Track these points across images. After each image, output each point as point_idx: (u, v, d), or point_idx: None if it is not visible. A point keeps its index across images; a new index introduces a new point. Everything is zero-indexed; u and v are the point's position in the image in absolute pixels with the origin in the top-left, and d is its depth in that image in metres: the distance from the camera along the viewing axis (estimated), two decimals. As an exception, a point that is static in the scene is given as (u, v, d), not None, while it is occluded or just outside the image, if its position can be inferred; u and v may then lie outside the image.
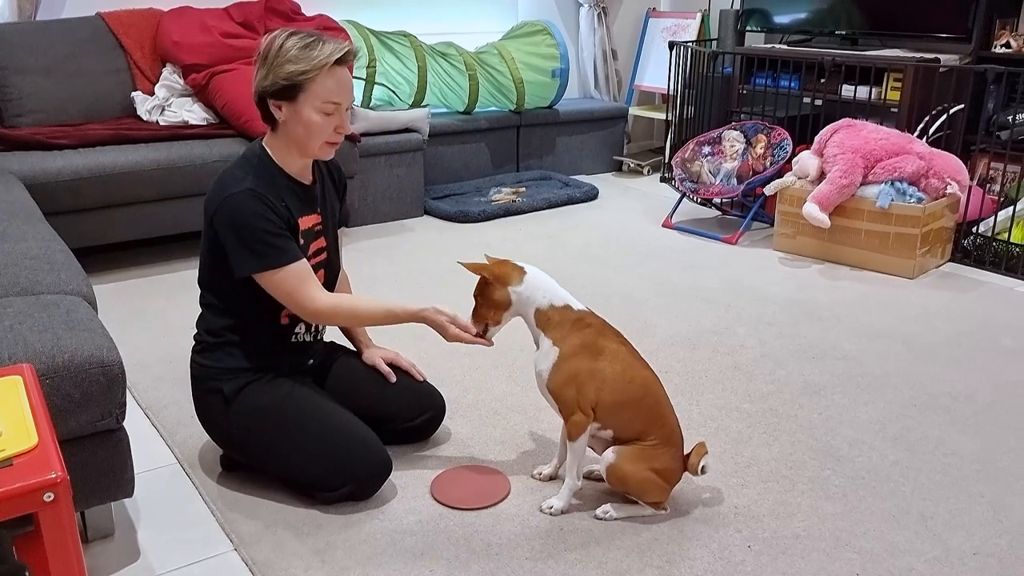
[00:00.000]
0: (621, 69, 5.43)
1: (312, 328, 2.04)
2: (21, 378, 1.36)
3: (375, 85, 4.18)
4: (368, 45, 4.13)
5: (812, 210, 3.46)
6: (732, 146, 4.04)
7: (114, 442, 1.69)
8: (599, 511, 1.89)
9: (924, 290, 3.29)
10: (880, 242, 3.44)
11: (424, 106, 4.31)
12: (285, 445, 1.89)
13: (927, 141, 3.65)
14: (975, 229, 3.64)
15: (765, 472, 2.07)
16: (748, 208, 4.01)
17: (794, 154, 3.80)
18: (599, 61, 5.27)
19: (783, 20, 4.64)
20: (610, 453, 1.85)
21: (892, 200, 3.38)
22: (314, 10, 4.01)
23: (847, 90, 3.98)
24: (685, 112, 4.77)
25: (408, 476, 2.03)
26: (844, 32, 4.38)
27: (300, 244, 1.90)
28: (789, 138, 3.88)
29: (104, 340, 1.66)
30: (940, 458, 2.14)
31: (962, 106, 3.69)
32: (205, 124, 3.61)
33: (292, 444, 1.88)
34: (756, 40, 4.95)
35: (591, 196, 4.55)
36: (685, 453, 1.90)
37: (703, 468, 1.87)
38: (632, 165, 5.20)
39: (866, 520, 1.89)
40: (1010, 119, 3.71)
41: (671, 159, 4.39)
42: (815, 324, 2.96)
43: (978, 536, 1.84)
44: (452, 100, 4.52)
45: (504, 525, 1.86)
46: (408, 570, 1.72)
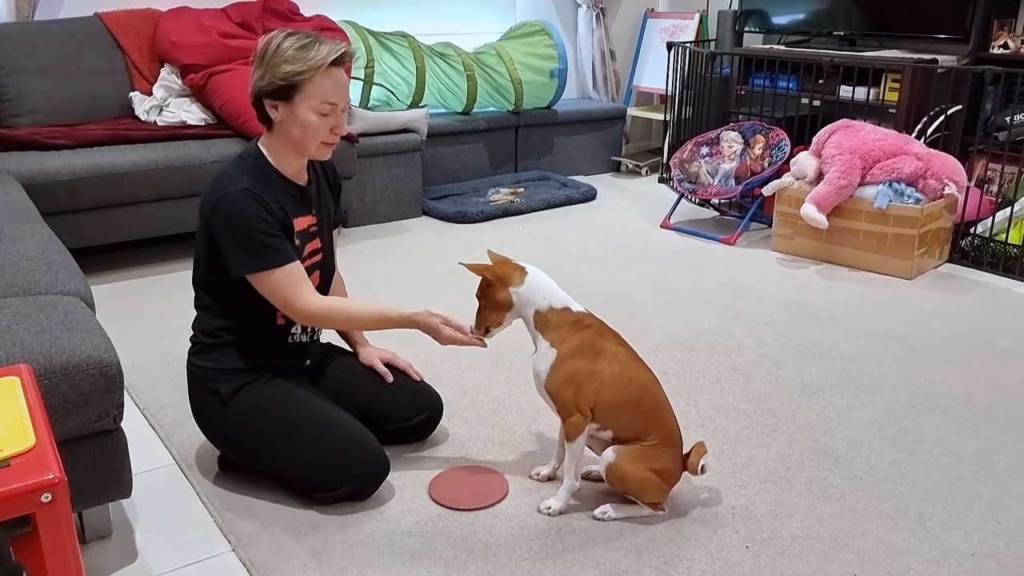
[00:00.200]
0: (619, 70, 5.43)
1: (308, 329, 2.04)
2: (19, 379, 1.36)
3: (373, 85, 4.18)
4: (366, 45, 4.12)
5: (810, 211, 3.47)
6: (730, 147, 4.04)
7: (112, 443, 1.69)
8: (597, 511, 1.89)
9: (922, 291, 3.30)
10: (878, 243, 3.44)
11: (422, 106, 4.31)
12: (283, 446, 1.88)
13: (925, 142, 3.65)
14: (973, 230, 3.64)
15: (763, 473, 2.07)
16: (746, 209, 4.01)
17: (792, 155, 3.80)
18: (597, 62, 5.28)
19: (781, 21, 4.65)
20: (610, 452, 1.85)
21: (890, 201, 3.38)
22: (312, 10, 4.01)
23: (845, 91, 3.99)
24: (683, 113, 4.78)
25: (406, 477, 2.03)
26: (842, 33, 4.38)
27: (295, 245, 1.89)
28: (787, 139, 3.88)
29: (102, 341, 1.66)
30: (938, 459, 2.14)
31: (960, 107, 3.70)
32: (203, 124, 3.60)
33: (290, 445, 1.88)
34: (754, 41, 4.95)
35: (589, 197, 4.55)
36: (684, 453, 1.90)
37: (702, 468, 1.87)
38: (630, 166, 5.20)
39: (864, 521, 1.89)
40: (1008, 120, 3.72)
41: (669, 160, 4.39)
42: (813, 325, 2.96)
43: (976, 537, 1.84)
44: (450, 100, 4.52)
45: (502, 526, 1.86)
46: (406, 571, 1.72)
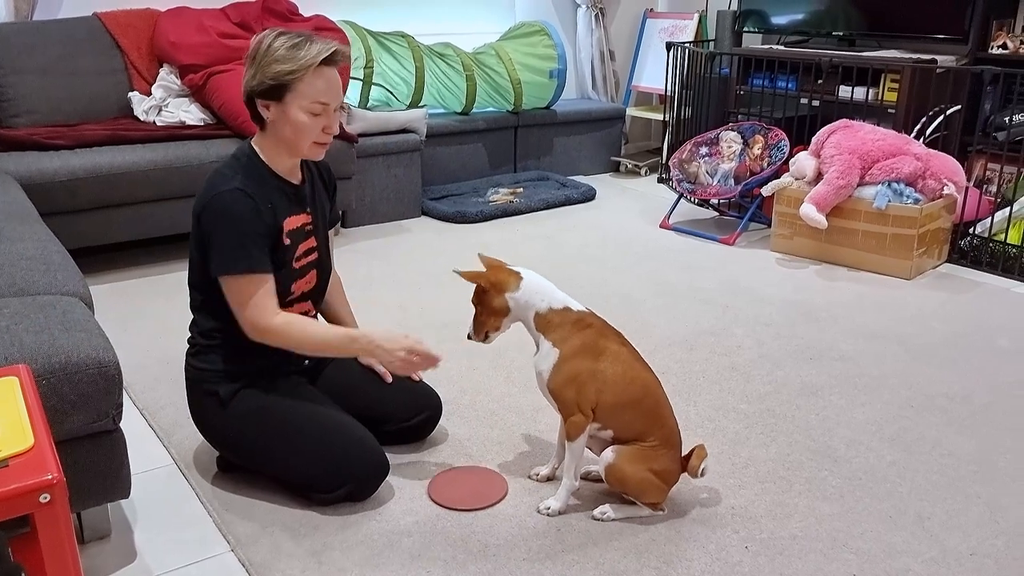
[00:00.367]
0: (619, 70, 5.43)
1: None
2: (17, 379, 1.36)
3: (372, 85, 4.18)
4: (365, 45, 4.12)
5: (809, 211, 3.47)
6: (729, 147, 4.04)
7: (110, 443, 1.69)
8: (597, 512, 1.89)
9: (921, 291, 3.30)
10: (877, 243, 3.44)
11: (422, 107, 4.30)
12: (282, 446, 1.88)
13: (924, 142, 3.65)
14: (972, 230, 3.64)
15: (762, 473, 2.07)
16: (745, 209, 4.01)
17: (791, 155, 3.80)
18: (596, 62, 5.28)
19: (780, 21, 4.65)
20: (609, 452, 1.85)
21: (889, 201, 3.38)
22: (311, 10, 4.00)
23: (844, 91, 3.99)
24: (682, 113, 4.77)
25: (405, 477, 2.03)
26: (841, 33, 4.39)
27: (287, 244, 1.89)
28: (786, 139, 3.88)
29: (101, 341, 1.66)
30: (937, 459, 2.14)
31: (959, 107, 3.70)
32: (202, 124, 3.60)
33: (289, 445, 1.87)
34: (753, 41, 4.95)
35: (588, 197, 4.55)
36: (684, 454, 1.90)
37: (703, 471, 1.87)
38: (629, 166, 5.20)
39: (863, 521, 1.89)
40: (1007, 120, 3.72)
41: (668, 160, 4.39)
42: (812, 325, 2.96)
43: (975, 537, 1.84)
44: (450, 101, 4.52)
45: (501, 526, 1.86)
46: (405, 571, 1.72)
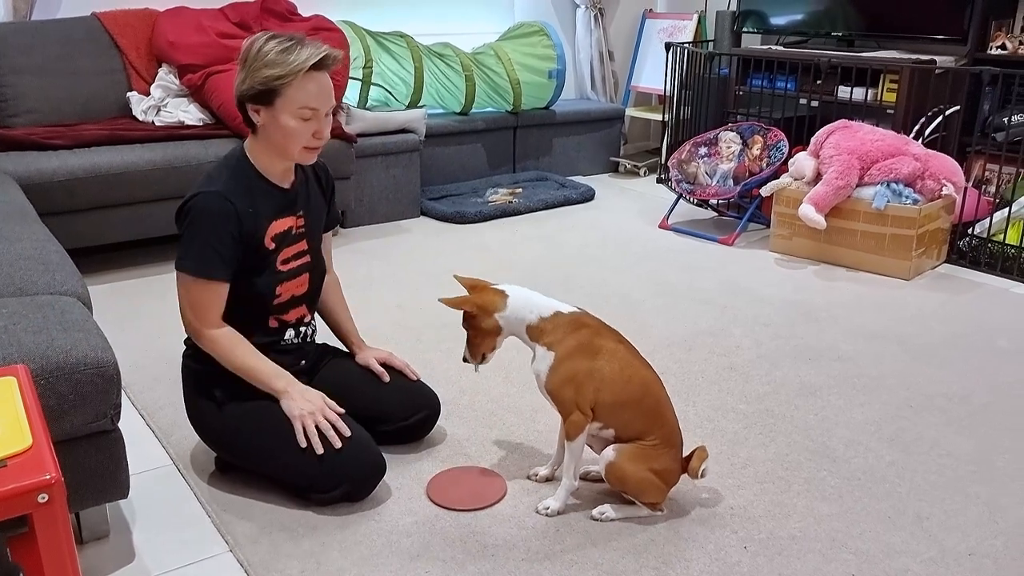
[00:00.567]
0: (618, 70, 5.43)
1: (302, 331, 2.04)
2: (15, 379, 1.36)
3: (371, 86, 4.18)
4: (365, 45, 4.12)
5: (808, 211, 3.47)
6: (728, 147, 4.04)
7: (109, 443, 1.68)
8: (595, 512, 1.89)
9: (920, 291, 3.30)
10: (876, 243, 3.45)
11: (421, 107, 4.30)
12: (279, 447, 1.88)
13: (923, 143, 3.65)
14: (971, 230, 3.64)
15: (761, 473, 2.07)
16: (744, 209, 4.01)
17: (790, 155, 3.80)
18: (596, 62, 5.28)
19: (779, 21, 4.65)
20: (610, 451, 1.85)
21: (888, 201, 3.38)
22: (310, 10, 4.00)
23: (843, 91, 3.99)
24: (681, 113, 4.78)
25: (404, 477, 2.03)
26: (840, 33, 4.39)
27: (270, 249, 1.89)
28: (785, 139, 3.88)
29: (99, 341, 1.65)
30: (936, 459, 2.14)
31: (958, 108, 3.70)
32: (201, 124, 3.60)
33: (286, 445, 1.87)
34: (752, 41, 4.95)
35: (588, 197, 4.55)
36: (685, 455, 1.90)
37: (703, 472, 1.86)
38: (628, 166, 5.20)
39: (862, 521, 1.89)
40: (1005, 121, 3.72)
41: (667, 160, 4.39)
42: (811, 325, 2.96)
43: (973, 537, 1.84)
44: (449, 101, 4.52)
45: (500, 526, 1.86)
46: (404, 571, 1.71)
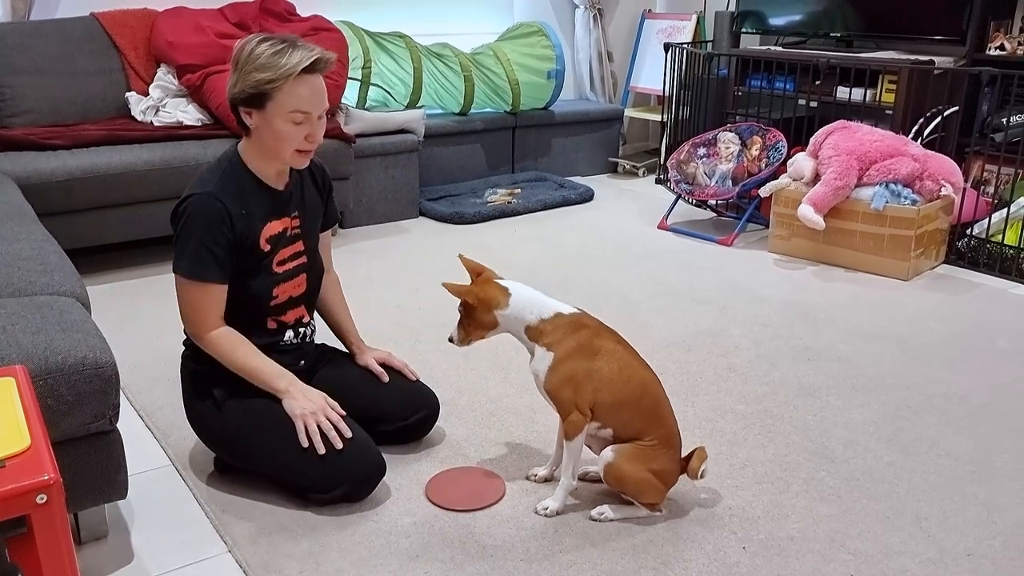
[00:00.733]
0: (617, 71, 5.43)
1: (301, 332, 2.04)
2: (14, 379, 1.36)
3: (370, 86, 4.18)
4: (363, 46, 4.12)
5: (807, 212, 3.47)
6: (727, 148, 4.04)
7: (107, 444, 1.68)
8: (594, 512, 1.89)
9: (918, 292, 3.30)
10: (875, 244, 3.45)
11: (419, 107, 4.30)
12: (280, 447, 1.88)
13: (921, 143, 3.66)
14: (969, 231, 3.65)
15: (760, 473, 2.07)
16: (743, 210, 4.02)
17: (789, 156, 3.80)
18: (595, 62, 5.28)
19: (778, 22, 4.65)
20: (609, 451, 1.84)
21: (887, 202, 3.38)
22: (309, 11, 4.00)
23: (842, 92, 3.99)
24: (680, 114, 4.78)
25: (403, 477, 2.03)
26: (839, 34, 4.39)
27: (265, 250, 1.89)
28: (784, 140, 3.88)
29: (98, 341, 1.65)
30: (934, 459, 2.14)
31: (956, 108, 3.70)
32: (199, 124, 3.60)
33: (287, 445, 1.87)
34: (751, 42, 4.95)
35: (586, 198, 4.55)
36: (684, 456, 1.90)
37: (703, 473, 1.86)
38: (627, 167, 5.20)
39: (860, 521, 1.89)
40: (1004, 121, 3.72)
41: (666, 161, 4.39)
42: (810, 326, 2.96)
43: (972, 537, 1.84)
44: (448, 101, 4.52)
45: (499, 527, 1.86)
46: (403, 572, 1.71)
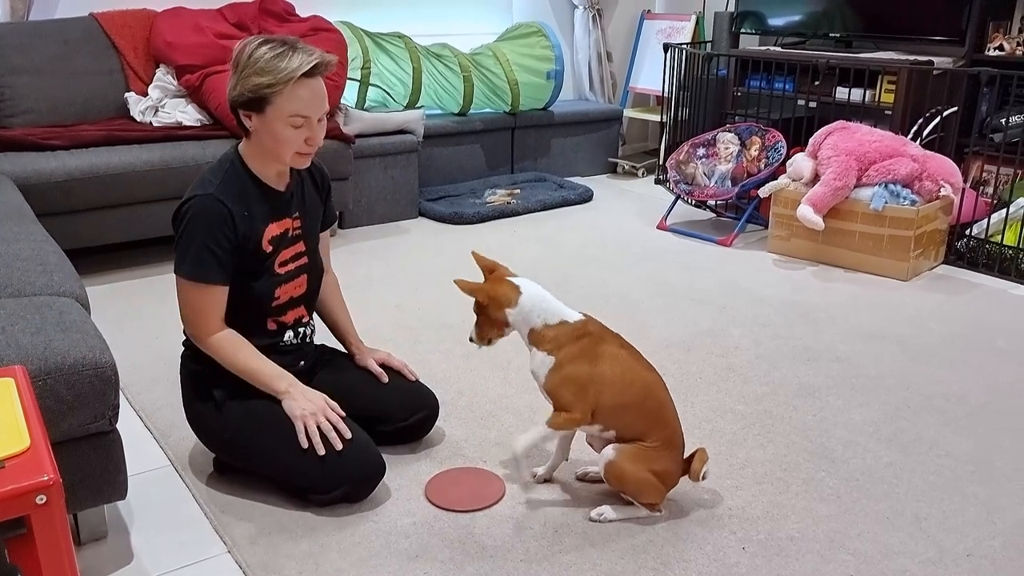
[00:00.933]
0: (616, 71, 5.43)
1: (300, 332, 2.04)
2: (13, 380, 1.36)
3: (369, 86, 4.18)
4: (363, 46, 4.12)
5: (806, 212, 3.47)
6: (727, 148, 4.04)
7: (107, 444, 1.68)
8: (594, 513, 1.89)
9: (918, 292, 3.30)
10: (874, 244, 3.45)
11: (419, 107, 4.30)
12: (280, 447, 1.88)
13: (921, 144, 3.66)
14: (968, 231, 3.65)
15: (759, 474, 2.07)
16: (742, 210, 4.02)
17: (788, 156, 3.80)
18: (594, 63, 5.28)
19: (777, 22, 4.65)
20: (609, 450, 1.84)
21: (886, 202, 3.39)
22: (308, 11, 4.00)
23: (841, 92, 3.99)
24: (680, 114, 4.78)
25: (402, 478, 2.03)
26: (838, 35, 4.39)
27: (268, 251, 1.89)
28: (783, 140, 3.88)
29: (97, 342, 1.65)
30: (934, 459, 2.14)
31: (955, 109, 3.70)
32: (199, 125, 3.60)
33: (287, 446, 1.87)
34: (750, 42, 4.96)
35: (586, 198, 4.55)
36: (685, 458, 1.90)
37: (704, 475, 1.86)
38: (627, 167, 5.20)
39: (860, 522, 1.89)
40: (1003, 122, 3.72)
41: (666, 161, 4.39)
42: (809, 326, 2.96)
43: (972, 537, 1.84)
44: (447, 101, 4.52)
45: (499, 527, 1.86)
46: (402, 572, 1.71)
